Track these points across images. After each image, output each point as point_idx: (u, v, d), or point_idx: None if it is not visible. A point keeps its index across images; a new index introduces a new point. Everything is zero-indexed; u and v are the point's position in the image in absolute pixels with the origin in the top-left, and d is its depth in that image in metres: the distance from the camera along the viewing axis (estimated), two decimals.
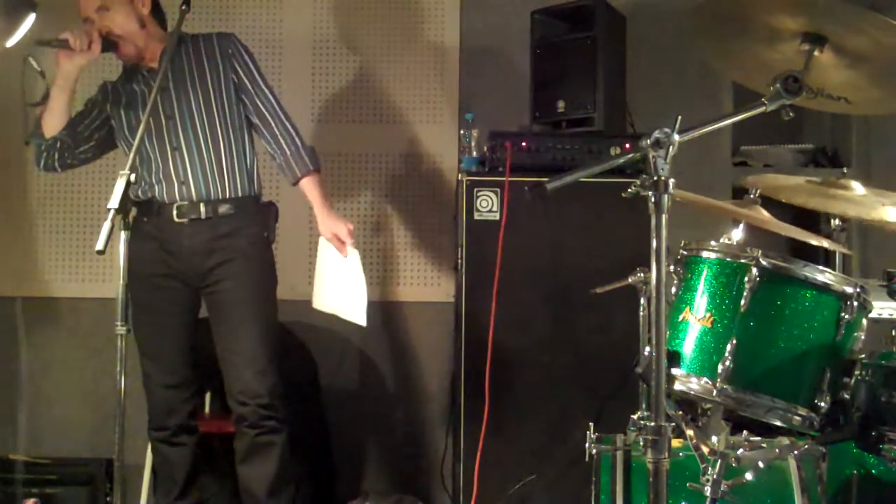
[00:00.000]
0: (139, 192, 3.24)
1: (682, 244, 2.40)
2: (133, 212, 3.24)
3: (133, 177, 2.71)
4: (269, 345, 3.24)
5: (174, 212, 3.21)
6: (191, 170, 3.21)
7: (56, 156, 3.29)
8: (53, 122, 3.22)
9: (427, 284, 4.25)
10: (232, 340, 3.22)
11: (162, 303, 3.25)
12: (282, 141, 3.28)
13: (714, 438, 2.29)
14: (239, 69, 3.28)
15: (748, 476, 2.30)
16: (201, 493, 3.41)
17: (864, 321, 2.30)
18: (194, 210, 3.21)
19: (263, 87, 3.31)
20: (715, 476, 2.23)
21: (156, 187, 3.22)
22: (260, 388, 3.19)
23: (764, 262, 2.23)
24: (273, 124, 3.29)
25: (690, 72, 4.04)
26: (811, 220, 3.45)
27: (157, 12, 3.33)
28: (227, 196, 3.24)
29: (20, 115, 3.14)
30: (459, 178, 3.61)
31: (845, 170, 2.84)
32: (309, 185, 3.31)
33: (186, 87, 3.23)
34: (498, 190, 3.55)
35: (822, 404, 2.21)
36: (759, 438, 2.50)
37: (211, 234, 3.21)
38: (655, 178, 1.92)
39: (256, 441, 3.21)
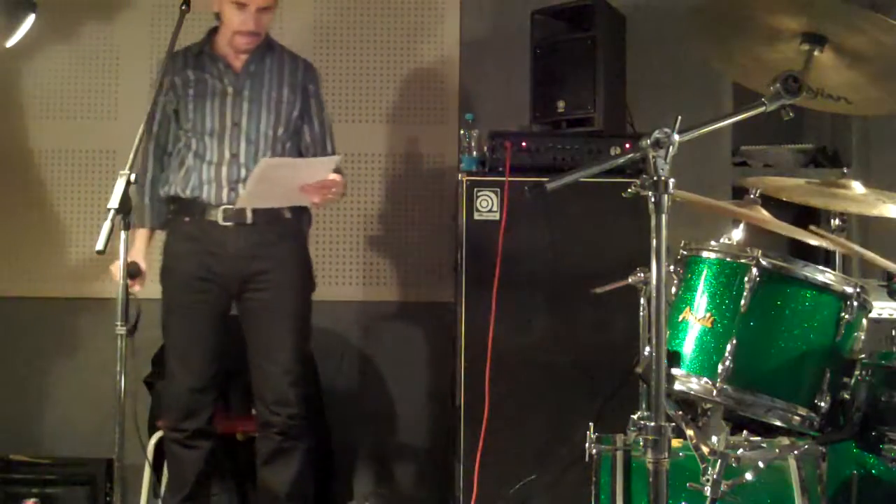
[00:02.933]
0: (185, 191, 3.22)
1: (682, 244, 2.40)
2: (171, 207, 3.25)
3: (133, 177, 2.69)
4: (303, 356, 3.29)
5: (220, 214, 3.19)
6: (244, 178, 3.18)
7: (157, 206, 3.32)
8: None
9: (427, 284, 4.25)
10: (269, 350, 3.23)
11: (198, 305, 3.23)
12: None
13: (714, 438, 2.29)
14: (312, 103, 3.35)
15: (748, 476, 2.29)
16: (210, 494, 3.39)
17: (864, 321, 2.30)
18: (240, 215, 3.18)
19: (326, 126, 3.39)
20: (715, 476, 2.23)
21: (204, 187, 3.21)
22: (293, 398, 3.23)
23: (764, 262, 2.23)
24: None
25: (690, 72, 4.03)
26: (811, 220, 3.44)
27: None
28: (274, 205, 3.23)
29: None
30: (459, 178, 3.61)
31: (845, 170, 2.84)
32: None
33: (261, 101, 3.26)
34: (498, 190, 3.54)
35: (822, 404, 2.21)
36: (759, 438, 2.50)
37: (255, 240, 3.20)
38: (655, 178, 1.92)
39: (282, 446, 3.24)
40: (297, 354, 3.26)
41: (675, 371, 2.25)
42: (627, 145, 3.56)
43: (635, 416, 2.49)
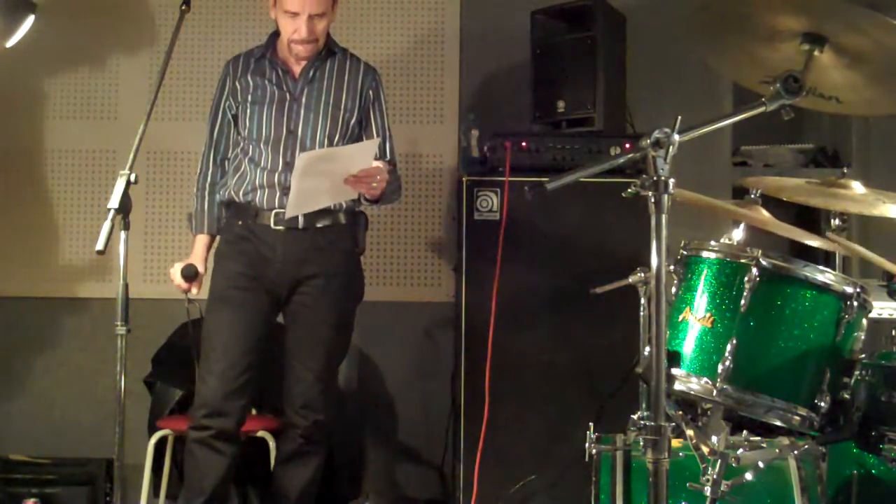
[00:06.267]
0: (239, 195, 3.19)
1: (682, 244, 2.40)
2: (225, 212, 3.25)
3: (133, 177, 2.66)
4: (338, 363, 3.30)
5: (271, 218, 3.15)
6: None
7: (219, 209, 3.29)
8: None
9: (427, 284, 4.25)
10: (305, 355, 3.21)
11: (241, 300, 3.16)
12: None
13: (714, 438, 2.29)
14: (372, 110, 3.31)
15: (748, 476, 2.30)
16: None
17: (864, 321, 2.30)
18: (292, 219, 3.13)
19: (386, 133, 3.33)
20: (715, 476, 2.23)
21: (257, 192, 3.17)
22: (321, 405, 3.22)
23: (764, 262, 2.23)
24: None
25: (690, 72, 4.03)
26: (811, 220, 3.44)
27: None
28: (327, 210, 3.17)
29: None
30: (459, 178, 3.61)
31: (845, 170, 2.83)
32: None
33: (318, 107, 3.21)
34: (498, 190, 3.55)
35: (822, 404, 2.21)
36: (759, 438, 2.50)
37: (306, 245, 3.16)
38: (655, 178, 1.92)
39: (302, 449, 3.24)
40: (331, 363, 3.26)
41: (675, 371, 2.26)
42: (627, 145, 3.56)
43: (635, 416, 2.50)
